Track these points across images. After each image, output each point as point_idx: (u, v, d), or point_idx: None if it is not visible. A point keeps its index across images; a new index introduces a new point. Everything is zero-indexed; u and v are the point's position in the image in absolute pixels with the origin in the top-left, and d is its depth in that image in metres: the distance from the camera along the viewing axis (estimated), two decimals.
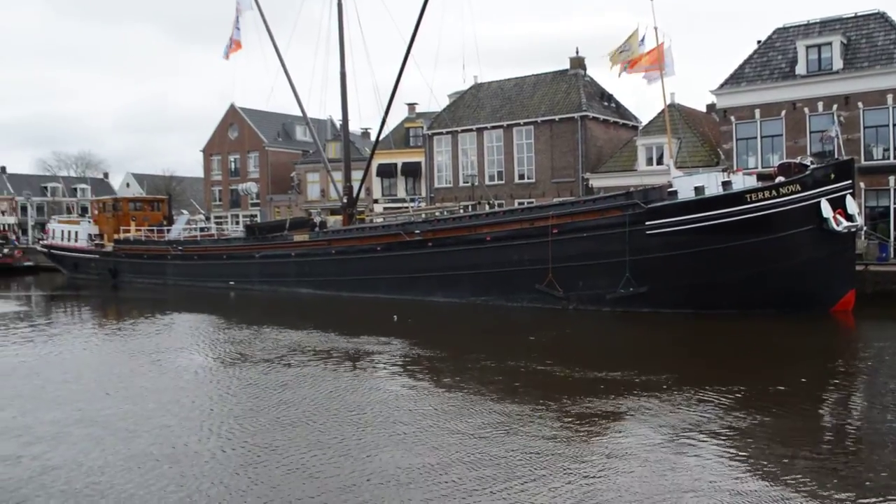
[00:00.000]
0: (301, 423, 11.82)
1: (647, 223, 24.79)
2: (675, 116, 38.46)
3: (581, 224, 26.32)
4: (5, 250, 69.14)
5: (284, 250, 37.89)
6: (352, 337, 21.26)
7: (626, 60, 27.11)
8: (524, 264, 27.51)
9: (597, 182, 41.48)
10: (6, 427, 12.05)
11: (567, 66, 46.97)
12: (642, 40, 27.08)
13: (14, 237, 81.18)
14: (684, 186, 24.79)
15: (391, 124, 53.53)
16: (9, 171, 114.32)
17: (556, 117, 43.78)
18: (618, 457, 9.84)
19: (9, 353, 20.02)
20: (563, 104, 44.32)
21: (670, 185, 25.34)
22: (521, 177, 45.79)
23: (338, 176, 45.07)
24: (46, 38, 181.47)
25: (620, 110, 47.16)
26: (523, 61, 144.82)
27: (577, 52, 46.85)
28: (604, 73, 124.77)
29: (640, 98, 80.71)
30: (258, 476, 9.42)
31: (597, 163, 43.13)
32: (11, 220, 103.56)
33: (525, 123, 45.25)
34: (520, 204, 41.35)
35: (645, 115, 45.38)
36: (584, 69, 46.75)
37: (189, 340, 22.01)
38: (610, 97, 47.21)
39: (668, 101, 33.06)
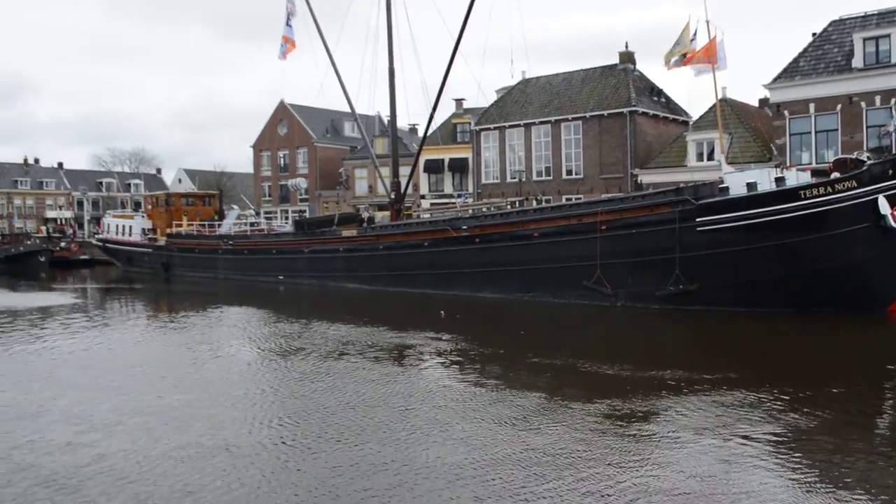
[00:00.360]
0: (349, 417, 11.91)
1: (697, 220, 24.44)
2: (727, 111, 37.87)
3: (630, 220, 26.07)
4: (62, 244, 70.94)
5: (333, 245, 38.20)
6: (399, 332, 21.35)
7: (679, 55, 26.75)
8: (572, 261, 27.34)
9: (646, 178, 41.09)
10: (63, 415, 12.36)
11: (616, 60, 46.55)
12: (694, 34, 26.69)
13: (71, 231, 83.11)
14: (736, 182, 24.39)
15: (438, 120, 53.57)
16: (66, 166, 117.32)
17: (605, 112, 43.46)
18: (667, 457, 9.71)
19: (65, 343, 20.51)
20: (611, 99, 43.95)
21: (721, 181, 24.95)
22: (569, 172, 45.56)
23: (385, 172, 45.27)
24: (104, 37, 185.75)
25: (670, 105, 46.60)
26: (572, 56, 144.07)
27: (627, 47, 46.47)
28: (654, 68, 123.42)
29: (691, 93, 79.50)
30: (306, 468, 9.52)
31: (646, 158, 42.71)
32: (68, 214, 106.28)
33: (573, 119, 45.00)
34: (567, 200, 41.17)
35: (695, 109, 44.70)
36: (634, 64, 46.32)
37: (239, 333, 22.33)
38: (660, 92, 46.67)
39: (720, 96, 32.54)
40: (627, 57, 46.11)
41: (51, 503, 8.58)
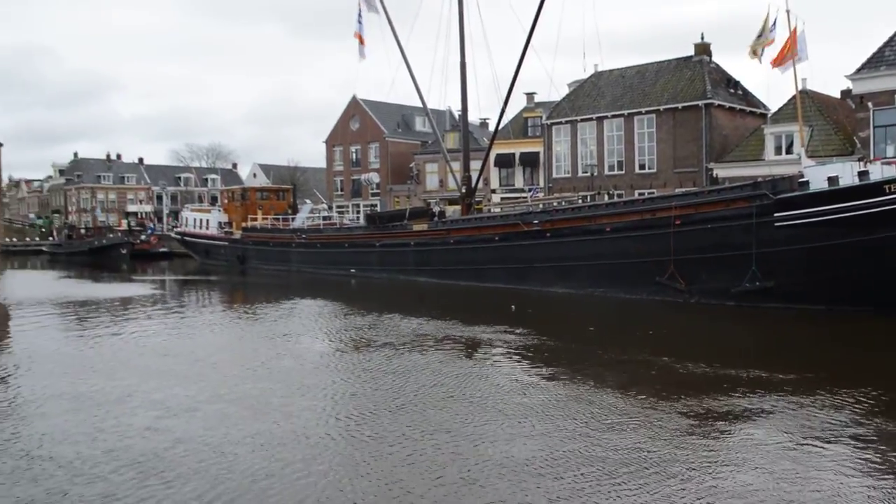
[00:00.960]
0: (418, 409, 11.98)
1: (775, 215, 23.79)
2: (807, 103, 36.75)
3: (705, 215, 25.53)
4: (143, 237, 73.30)
5: (404, 239, 38.49)
6: (470, 326, 21.38)
7: (759, 46, 26.09)
8: (645, 256, 26.94)
9: (722, 172, 40.21)
10: (143, 401, 12.76)
11: (691, 52, 45.64)
12: (773, 25, 25.98)
13: (151, 224, 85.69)
14: (817, 177, 23.65)
15: (509, 114, 53.36)
16: (146, 162, 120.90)
17: (680, 105, 42.67)
18: (740, 459, 9.46)
19: (146, 333, 21.16)
20: (686, 91, 43.12)
21: (801, 176, 24.24)
22: (642, 167, 44.90)
23: (456, 166, 45.36)
24: (183, 36, 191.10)
25: (748, 97, 45.47)
26: (645, 49, 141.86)
27: (703, 38, 45.48)
28: (730, 60, 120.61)
29: (769, 84, 77.50)
30: (376, 461, 9.59)
31: (722, 152, 41.79)
32: (148, 208, 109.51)
33: (647, 112, 44.33)
34: (640, 194, 40.57)
35: (774, 101, 43.71)
36: (710, 55, 45.34)
37: (312, 325, 22.70)
38: (736, 84, 45.57)
39: (800, 87, 31.58)
40: (703, 48, 45.15)
41: (138, 483, 8.88)
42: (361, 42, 41.94)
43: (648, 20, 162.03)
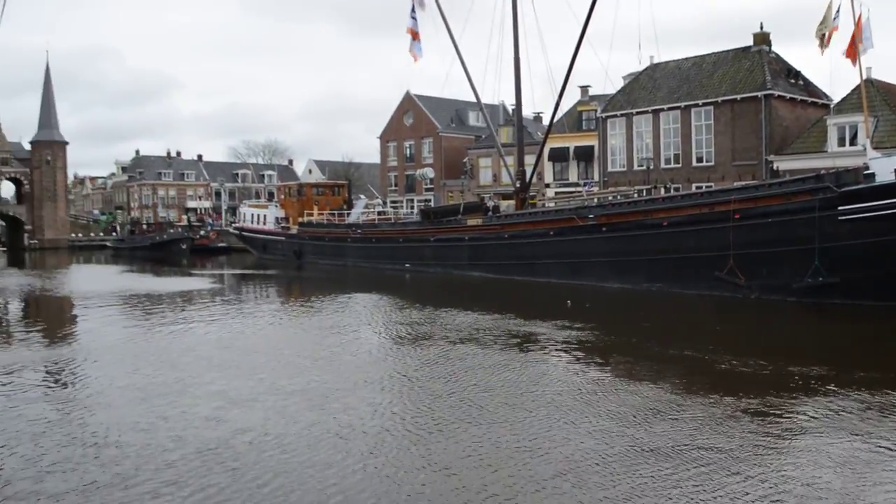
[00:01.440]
0: (473, 406, 11.96)
1: (839, 208, 23.17)
2: (873, 93, 35.75)
3: (766, 209, 25.01)
4: (202, 232, 74.67)
5: (458, 234, 38.52)
6: (525, 320, 21.31)
7: (823, 34, 25.44)
8: (703, 250, 26.51)
9: (782, 164, 39.32)
10: (204, 392, 13.03)
11: (750, 42, 44.68)
12: (837, 12, 25.31)
13: (210, 220, 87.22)
14: (883, 168, 22.94)
15: (563, 107, 52.94)
16: (205, 158, 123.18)
17: (738, 97, 41.83)
18: (806, 460, 9.23)
19: (206, 326, 21.57)
20: (745, 83, 42.25)
21: (866, 167, 23.55)
22: (700, 160, 44.14)
23: (509, 160, 45.23)
24: (241, 35, 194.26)
25: (809, 88, 44.33)
26: (702, 40, 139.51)
27: (762, 28, 44.49)
28: (791, 49, 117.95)
29: (833, 74, 75.44)
30: (432, 455, 9.61)
31: (782, 144, 40.86)
32: (207, 204, 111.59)
33: (704, 104, 43.53)
34: (697, 188, 39.95)
35: (837, 91, 42.43)
36: (769, 45, 44.33)
37: (368, 319, 22.87)
38: (797, 74, 44.45)
39: (865, 76, 30.70)
40: (762, 38, 44.16)
41: (203, 470, 9.11)
42: (415, 38, 42.08)
43: (705, 11, 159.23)
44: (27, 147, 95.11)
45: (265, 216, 59.73)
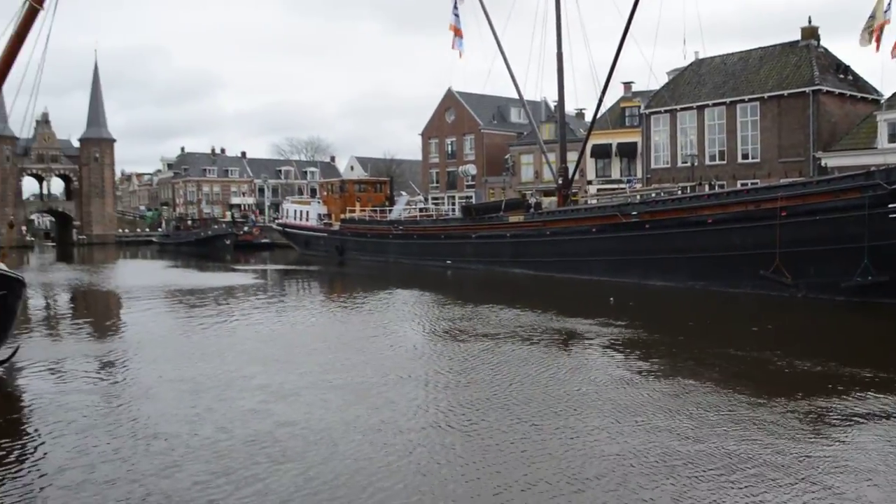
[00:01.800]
0: (516, 403, 11.90)
1: (890, 206, 22.66)
2: None
3: (813, 206, 24.54)
4: (245, 228, 75.63)
5: (500, 231, 38.46)
6: (568, 318, 21.19)
7: (872, 29, 24.89)
8: (748, 248, 26.12)
9: (830, 161, 38.59)
10: (248, 385, 13.18)
11: (797, 37, 43.89)
12: (888, 5, 24.75)
13: (253, 216, 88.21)
14: None
15: (606, 104, 52.53)
16: (248, 155, 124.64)
17: (785, 92, 41.14)
18: (855, 465, 8.99)
19: (248, 320, 21.83)
20: (792, 78, 41.52)
21: None
22: (745, 156, 43.52)
23: (552, 157, 45.01)
24: (284, 33, 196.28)
25: (859, 83, 43.40)
26: (748, 35, 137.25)
27: (810, 22, 43.65)
28: (840, 44, 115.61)
29: (884, 68, 73.79)
30: (473, 454, 9.55)
31: (830, 140, 40.09)
32: (250, 200, 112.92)
33: (750, 100, 42.90)
34: (743, 185, 39.34)
35: (889, 87, 41.56)
36: (818, 39, 43.49)
37: (410, 315, 22.94)
38: (847, 69, 43.52)
39: None
40: (810, 32, 43.34)
41: (248, 461, 9.27)
42: (457, 34, 42.10)
43: (751, 5, 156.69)
44: (76, 144, 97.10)
45: (308, 212, 60.23)
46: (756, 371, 14.41)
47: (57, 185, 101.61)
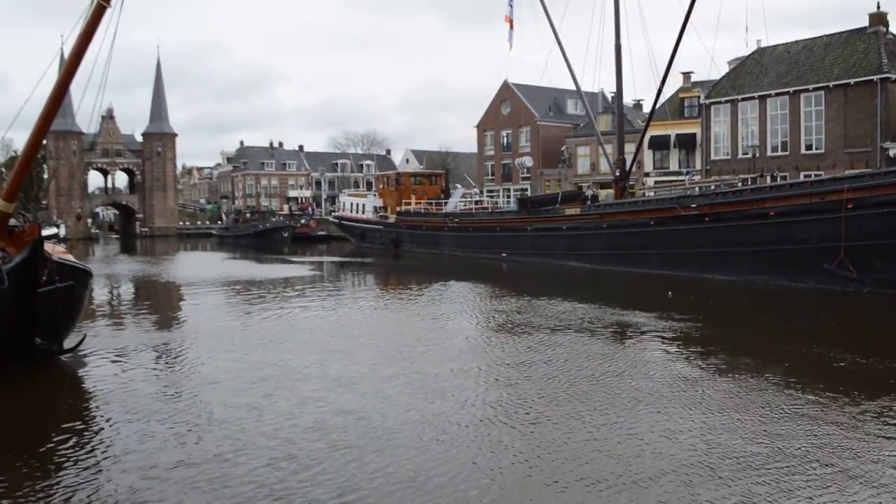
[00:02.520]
0: (573, 397, 11.77)
1: None
2: None
3: (881, 198, 23.80)
4: (303, 221, 76.51)
5: (556, 223, 38.21)
6: (625, 311, 20.94)
7: None
8: (812, 241, 25.48)
9: None
10: (307, 374, 13.31)
11: (865, 23, 42.59)
12: None
13: (310, 209, 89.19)
14: None
15: (665, 94, 51.75)
16: (306, 149, 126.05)
17: (851, 81, 39.98)
18: None
19: (305, 311, 22.05)
20: (859, 66, 40.31)
21: None
22: (809, 147, 42.46)
23: (608, 149, 44.53)
24: (342, 28, 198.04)
25: None
26: (813, 22, 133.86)
27: (879, 7, 42.31)
28: None
29: None
30: (528, 449, 9.46)
31: None
32: (307, 193, 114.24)
33: (814, 89, 41.81)
34: (806, 176, 38.40)
35: None
36: (886, 26, 42.14)
37: (465, 307, 22.90)
38: None
39: None
40: (879, 18, 41.99)
41: (307, 443, 9.49)
42: (512, 26, 41.95)
43: None
44: (139, 139, 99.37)
45: (364, 205, 60.67)
46: (820, 368, 14.02)
47: (121, 179, 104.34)
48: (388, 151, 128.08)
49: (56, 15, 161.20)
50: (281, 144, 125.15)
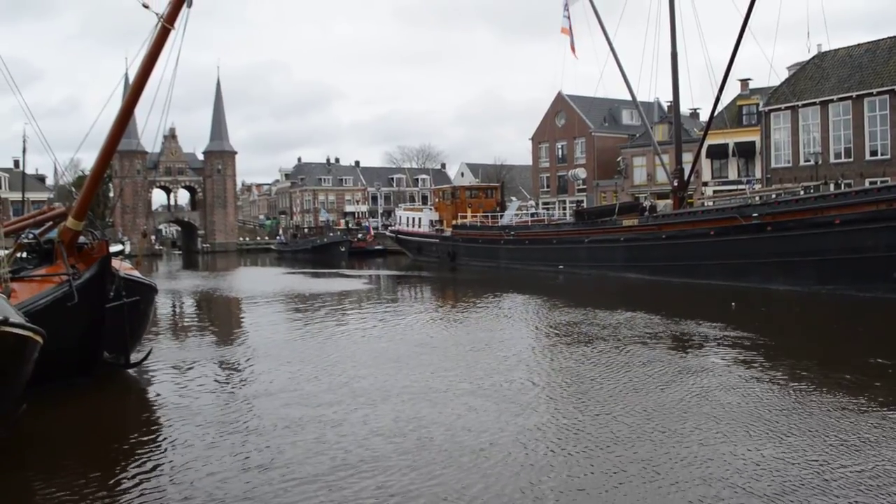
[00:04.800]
0: (624, 413, 11.53)
1: None
2: None
3: None
4: (360, 235, 77.24)
5: (613, 235, 37.85)
6: (687, 323, 20.54)
7: None
8: (880, 250, 24.79)
9: None
10: (367, 386, 13.34)
11: None
12: None
13: (367, 223, 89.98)
14: None
15: (722, 102, 50.97)
16: (362, 164, 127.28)
17: None
18: None
19: (363, 325, 22.12)
20: None
21: None
22: (874, 153, 41.33)
23: (665, 159, 44.00)
24: (400, 45, 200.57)
25: None
26: (875, 25, 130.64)
27: None
28: None
29: None
30: (604, 466, 9.34)
31: None
32: (364, 208, 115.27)
33: (879, 93, 40.71)
34: (871, 183, 37.37)
35: None
36: None
37: (523, 319, 22.82)
38: None
39: None
40: None
41: (369, 453, 9.55)
42: (571, 35, 41.93)
43: None
44: (200, 157, 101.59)
45: (420, 219, 60.99)
46: (890, 384, 13.44)
47: (183, 196, 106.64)
48: (444, 165, 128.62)
49: (121, 37, 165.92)
50: (337, 160, 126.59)
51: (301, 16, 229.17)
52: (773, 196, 32.89)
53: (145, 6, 13.68)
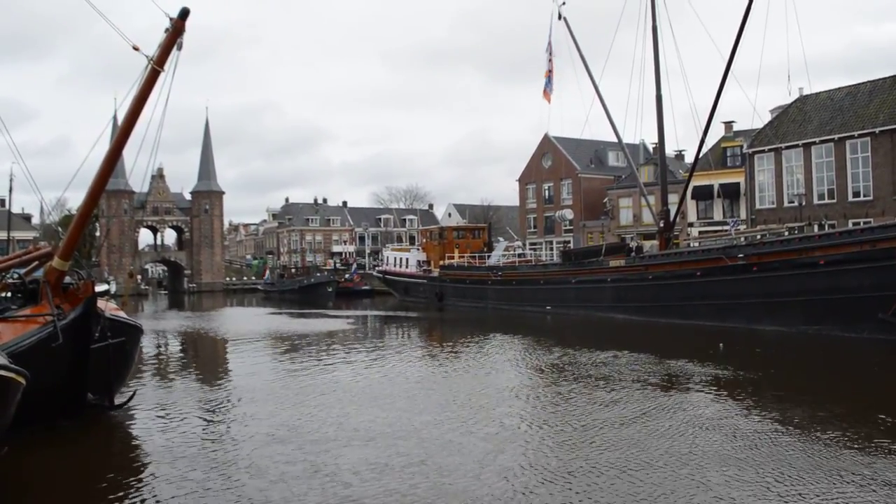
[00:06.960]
0: (609, 453, 11.57)
1: None
2: None
3: None
4: (346, 275, 77.08)
5: (600, 275, 37.96)
6: (676, 364, 20.53)
7: None
8: (865, 290, 24.94)
9: None
10: (357, 424, 13.25)
11: None
12: None
13: (354, 263, 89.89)
14: None
15: (707, 144, 51.51)
16: (349, 205, 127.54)
17: None
18: None
19: (350, 367, 22.03)
20: None
21: None
22: (856, 194, 41.70)
23: (651, 200, 44.31)
24: (388, 88, 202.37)
25: None
26: (854, 70, 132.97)
27: None
28: None
29: None
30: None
31: None
32: (351, 248, 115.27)
33: (860, 135, 41.20)
34: (854, 224, 37.71)
35: None
36: None
37: (512, 360, 22.75)
38: None
39: None
40: None
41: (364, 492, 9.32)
42: (551, 77, 42.50)
43: (858, 41, 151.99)
44: (188, 197, 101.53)
45: (407, 259, 61.00)
46: (878, 428, 13.34)
47: (170, 236, 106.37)
48: (431, 206, 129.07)
49: (111, 77, 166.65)
50: (325, 200, 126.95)
51: (293, 58, 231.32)
52: (758, 237, 33.12)
53: (135, 48, 13.77)
